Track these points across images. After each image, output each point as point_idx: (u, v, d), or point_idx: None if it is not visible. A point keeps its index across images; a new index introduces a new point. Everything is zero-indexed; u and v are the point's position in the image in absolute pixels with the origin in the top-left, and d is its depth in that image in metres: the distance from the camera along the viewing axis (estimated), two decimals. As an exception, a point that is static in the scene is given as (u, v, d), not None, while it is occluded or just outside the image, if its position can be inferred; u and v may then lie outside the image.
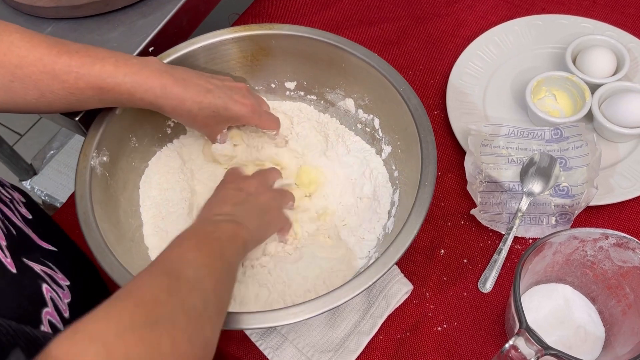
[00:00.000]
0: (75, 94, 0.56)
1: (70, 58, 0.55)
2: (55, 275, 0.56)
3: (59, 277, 0.56)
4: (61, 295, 0.55)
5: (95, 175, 0.61)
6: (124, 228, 0.64)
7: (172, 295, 0.41)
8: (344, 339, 0.64)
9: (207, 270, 0.46)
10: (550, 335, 0.61)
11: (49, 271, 0.55)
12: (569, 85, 0.76)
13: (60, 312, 0.53)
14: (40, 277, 0.53)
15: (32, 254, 0.54)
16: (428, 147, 0.60)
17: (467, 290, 0.67)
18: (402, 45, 0.87)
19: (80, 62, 0.55)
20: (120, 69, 0.56)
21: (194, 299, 0.42)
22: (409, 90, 0.64)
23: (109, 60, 0.56)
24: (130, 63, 0.57)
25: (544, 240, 0.57)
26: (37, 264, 0.54)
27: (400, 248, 0.54)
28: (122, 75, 0.56)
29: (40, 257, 0.55)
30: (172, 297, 0.41)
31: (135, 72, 0.56)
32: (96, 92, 0.56)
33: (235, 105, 0.63)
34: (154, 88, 0.57)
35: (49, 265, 0.56)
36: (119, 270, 0.54)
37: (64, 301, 0.55)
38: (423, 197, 0.57)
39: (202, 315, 0.42)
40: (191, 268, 0.44)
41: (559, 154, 0.72)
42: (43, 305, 0.51)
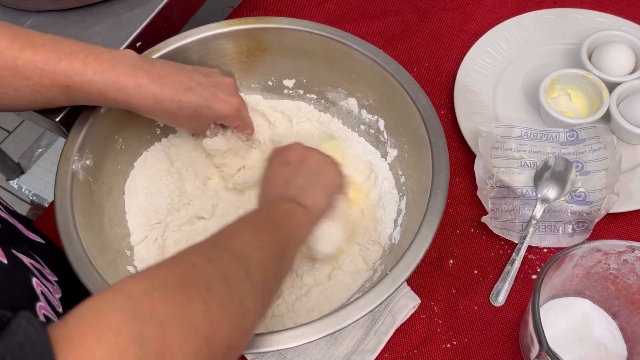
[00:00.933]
0: (41, 91, 0.51)
1: (34, 52, 0.50)
2: (43, 270, 0.52)
3: (47, 272, 0.53)
4: (51, 290, 0.51)
5: (77, 181, 0.56)
6: (109, 238, 0.59)
7: (212, 261, 0.40)
8: (347, 357, 0.59)
9: (256, 244, 0.44)
10: (569, 353, 0.57)
11: (37, 265, 0.51)
12: (585, 84, 0.72)
13: (54, 307, 0.50)
14: (29, 271, 0.49)
15: (21, 246, 0.51)
16: (439, 152, 0.55)
17: (478, 304, 0.63)
18: (406, 41, 0.83)
19: (45, 58, 0.50)
20: (89, 66, 0.51)
21: (235, 267, 0.40)
22: (418, 89, 0.59)
23: (77, 55, 0.51)
24: (101, 59, 0.52)
25: (565, 253, 0.53)
26: (25, 257, 0.50)
27: (410, 264, 0.49)
28: (92, 73, 0.51)
29: (29, 250, 0.52)
30: (211, 263, 0.39)
31: (105, 70, 0.51)
32: (63, 90, 0.51)
33: (220, 104, 0.57)
34: (127, 87, 0.52)
35: (37, 259, 0.52)
36: (101, 287, 0.49)
37: (55, 296, 0.51)
38: (435, 207, 0.52)
39: (242, 284, 0.40)
40: (239, 241, 0.43)
41: (575, 158, 0.68)
42: (36, 299, 0.48)
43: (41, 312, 0.47)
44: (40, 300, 0.48)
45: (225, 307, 0.37)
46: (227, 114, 0.58)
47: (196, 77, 0.57)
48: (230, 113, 0.59)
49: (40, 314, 0.47)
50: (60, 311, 0.50)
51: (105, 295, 0.33)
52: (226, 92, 0.58)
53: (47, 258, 0.54)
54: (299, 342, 0.46)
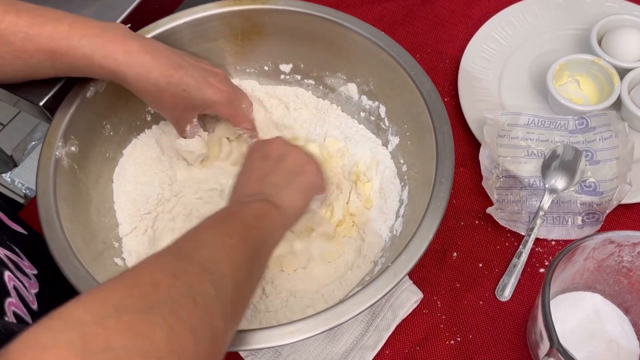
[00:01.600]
0: (24, 57, 0.48)
1: (18, 16, 0.47)
2: (21, 262, 0.49)
3: (25, 264, 0.50)
4: (27, 284, 0.48)
5: (61, 168, 0.53)
6: (96, 228, 0.56)
7: (177, 277, 0.34)
8: (346, 354, 0.56)
9: (227, 251, 0.39)
10: (579, 350, 0.55)
11: (14, 257, 0.49)
12: (595, 70, 0.69)
13: (27, 304, 0.47)
14: (2, 264, 0.46)
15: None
16: (444, 138, 0.52)
17: (483, 299, 0.60)
18: (408, 26, 0.80)
19: (29, 22, 0.47)
20: (76, 31, 0.48)
21: (204, 283, 0.35)
22: (422, 73, 0.56)
23: (64, 20, 0.48)
24: (90, 25, 0.49)
25: (577, 244, 0.50)
26: (1, 249, 0.47)
27: (413, 256, 0.46)
28: (79, 37, 0.48)
29: (7, 241, 0.49)
30: (176, 279, 0.34)
31: (94, 35, 0.48)
32: (47, 56, 0.48)
33: (210, 88, 0.54)
34: (116, 53, 0.49)
35: (15, 250, 0.49)
36: (85, 280, 0.46)
37: (31, 291, 0.48)
38: (439, 196, 0.49)
39: (212, 302, 0.35)
40: (206, 248, 0.38)
41: (585, 146, 0.65)
42: (5, 295, 0.45)
43: (10, 309, 0.44)
44: (10, 295, 0.45)
45: (193, 331, 0.32)
46: (217, 99, 0.55)
47: (187, 59, 0.55)
48: (220, 99, 0.55)
49: (8, 311, 0.44)
50: (34, 308, 0.47)
51: (51, 324, 0.28)
52: (217, 79, 0.56)
53: (28, 250, 0.51)
54: (294, 339, 0.43)
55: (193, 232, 0.41)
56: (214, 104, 0.55)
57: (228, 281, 0.37)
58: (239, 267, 0.39)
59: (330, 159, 0.62)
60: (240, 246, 0.40)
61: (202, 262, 0.36)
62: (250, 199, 0.46)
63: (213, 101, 0.55)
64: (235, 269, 0.38)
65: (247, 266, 0.40)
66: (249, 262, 0.40)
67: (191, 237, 0.40)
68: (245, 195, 0.48)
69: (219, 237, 0.40)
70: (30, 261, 0.50)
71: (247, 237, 0.41)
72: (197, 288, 0.34)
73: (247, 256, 0.40)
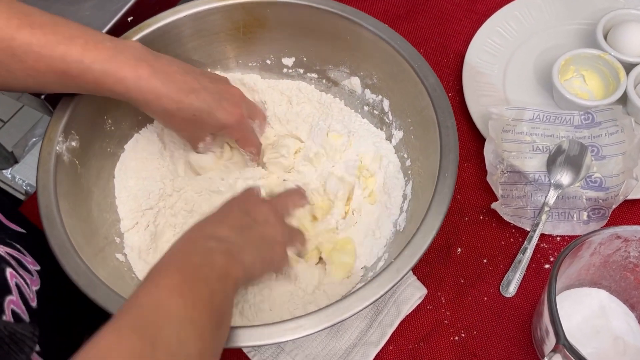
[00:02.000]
0: (35, 76, 0.48)
1: (31, 34, 0.46)
2: (23, 258, 0.49)
3: (28, 260, 0.49)
4: (29, 281, 0.48)
5: (61, 163, 0.52)
6: (97, 224, 0.55)
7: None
8: (349, 350, 0.56)
9: (192, 327, 0.36)
10: (585, 347, 0.54)
11: (16, 254, 0.48)
12: (601, 65, 0.68)
13: (27, 301, 0.46)
14: (3, 261, 0.46)
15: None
16: (448, 132, 0.52)
17: (488, 295, 0.60)
18: (412, 21, 0.79)
19: (42, 41, 0.46)
20: (88, 54, 0.47)
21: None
22: (426, 67, 0.56)
23: (77, 41, 0.47)
24: (102, 47, 0.48)
25: (583, 239, 0.49)
26: (2, 246, 0.47)
27: (417, 251, 0.46)
28: (90, 61, 0.47)
29: (7, 239, 0.49)
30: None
31: (106, 59, 0.48)
32: (58, 77, 0.48)
33: (222, 113, 0.54)
34: (126, 79, 0.49)
35: (17, 247, 0.49)
36: (86, 276, 0.46)
37: (32, 288, 0.48)
38: (443, 191, 0.49)
39: None
40: (172, 325, 0.35)
41: (591, 141, 0.65)
42: (6, 293, 0.44)
43: (9, 307, 0.44)
44: (12, 293, 0.44)
45: None
46: (227, 123, 0.55)
47: (203, 80, 0.54)
48: (231, 124, 0.55)
49: (7, 310, 0.43)
50: (33, 305, 0.47)
51: None
52: (231, 101, 0.55)
53: (29, 247, 0.50)
54: (297, 335, 0.42)
55: (154, 294, 0.37)
56: (224, 127, 0.55)
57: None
58: (206, 345, 0.37)
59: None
60: (206, 319, 0.37)
61: (169, 346, 0.34)
62: (215, 245, 0.43)
63: (223, 125, 0.54)
64: (203, 347, 0.36)
65: (213, 339, 0.38)
66: (213, 335, 0.38)
67: (152, 304, 0.36)
68: (212, 235, 0.44)
69: (183, 310, 0.36)
70: (33, 257, 0.50)
71: (212, 305, 0.39)
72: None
73: (212, 328, 0.38)
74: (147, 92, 0.49)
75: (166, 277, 0.39)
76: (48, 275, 0.50)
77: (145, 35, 0.59)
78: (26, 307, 0.46)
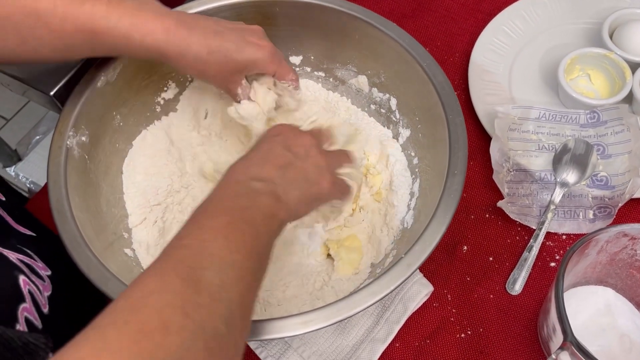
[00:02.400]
0: (63, 38, 0.47)
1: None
2: (34, 264, 0.48)
3: (39, 266, 0.49)
4: (41, 287, 0.48)
5: (71, 158, 0.53)
6: (106, 219, 0.56)
7: (188, 316, 0.31)
8: (356, 347, 0.56)
9: (236, 272, 0.35)
10: (591, 344, 0.54)
11: (27, 260, 0.48)
12: (607, 64, 0.68)
13: (39, 307, 0.46)
14: (16, 268, 0.46)
15: (7, 241, 0.47)
16: (457, 130, 0.52)
17: (494, 292, 0.60)
18: (418, 20, 0.79)
19: (67, 2, 0.46)
20: (114, 9, 0.47)
21: (215, 320, 0.32)
22: (434, 65, 0.56)
23: None
24: (125, 3, 0.48)
25: (590, 237, 0.50)
26: (12, 252, 0.47)
27: (427, 247, 0.46)
28: (117, 16, 0.47)
29: (17, 244, 0.48)
30: (187, 319, 0.31)
31: (132, 14, 0.48)
32: (87, 36, 0.47)
33: (250, 47, 0.53)
34: (155, 31, 0.48)
35: (27, 252, 0.48)
36: (97, 269, 0.46)
37: (44, 294, 0.48)
38: (452, 188, 0.49)
39: (224, 342, 0.32)
40: (215, 268, 0.34)
41: (596, 140, 0.65)
42: (20, 301, 0.44)
43: (23, 315, 0.44)
44: (25, 301, 0.44)
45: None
46: (260, 56, 0.54)
47: (223, 23, 0.54)
48: (263, 56, 0.54)
49: (21, 318, 0.43)
50: (45, 311, 0.47)
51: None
52: (255, 36, 0.54)
53: (39, 251, 0.50)
54: (308, 329, 0.43)
55: (197, 233, 0.37)
56: (258, 62, 0.54)
57: (237, 311, 0.35)
58: (247, 289, 0.36)
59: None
60: (248, 262, 0.37)
61: (211, 290, 0.33)
62: (260, 185, 0.42)
63: (256, 59, 0.53)
64: (244, 292, 0.36)
65: (254, 284, 0.38)
66: (254, 279, 0.38)
67: (195, 245, 0.36)
68: (256, 177, 0.43)
69: (227, 253, 0.36)
70: (43, 261, 0.50)
71: (255, 248, 0.38)
72: (209, 329, 0.32)
73: (254, 272, 0.37)
74: (177, 42, 0.49)
75: (212, 218, 0.38)
76: (59, 279, 0.50)
77: (154, 31, 0.59)
78: (38, 313, 0.46)
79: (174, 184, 0.60)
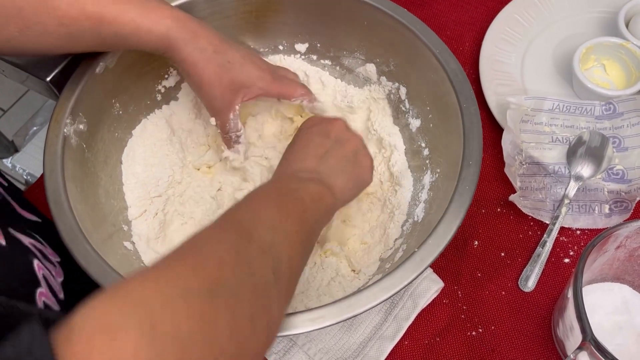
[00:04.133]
0: (68, 25, 0.45)
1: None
2: (44, 249, 0.47)
3: (49, 251, 0.48)
4: (54, 273, 0.46)
5: (69, 147, 0.50)
6: (105, 210, 0.53)
7: (240, 257, 0.34)
8: (363, 344, 0.54)
9: (284, 234, 0.38)
10: (608, 343, 0.52)
11: (39, 245, 0.46)
12: (623, 54, 0.66)
13: (55, 293, 0.45)
14: (30, 252, 0.44)
15: (18, 225, 0.45)
16: (471, 119, 0.50)
17: (506, 289, 0.58)
18: (427, 8, 0.77)
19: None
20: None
21: (264, 268, 0.35)
22: (447, 52, 0.54)
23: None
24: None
25: (610, 232, 0.48)
26: (25, 236, 0.45)
27: (440, 241, 0.44)
28: (125, 1, 0.46)
29: (27, 229, 0.47)
30: (239, 259, 0.33)
31: (141, 3, 0.47)
32: (94, 23, 0.46)
33: (252, 65, 0.52)
34: (165, 18, 0.47)
35: (37, 238, 0.47)
36: (96, 263, 0.44)
37: (57, 280, 0.46)
38: (467, 179, 0.47)
39: (271, 289, 0.35)
40: (266, 228, 0.37)
41: (612, 133, 0.63)
42: (36, 285, 0.43)
43: (41, 300, 0.42)
44: (41, 285, 0.43)
45: (252, 319, 0.32)
46: (260, 75, 0.53)
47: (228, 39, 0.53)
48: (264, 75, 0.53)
49: (39, 302, 0.42)
50: (61, 297, 0.45)
51: (120, 305, 0.27)
52: (257, 57, 0.55)
53: (47, 237, 0.48)
54: (316, 326, 0.41)
55: (250, 203, 0.40)
56: (259, 81, 0.52)
57: (285, 268, 0.36)
58: (295, 253, 0.38)
59: None
60: (297, 230, 0.39)
61: (262, 244, 0.36)
62: (307, 175, 0.45)
63: (257, 77, 0.52)
64: (292, 255, 0.38)
65: (301, 252, 0.40)
66: (302, 248, 0.40)
67: (249, 211, 0.39)
68: (301, 169, 0.46)
69: (277, 218, 0.38)
70: (52, 248, 0.48)
71: (303, 220, 0.40)
72: (258, 273, 0.34)
73: (302, 241, 0.40)
74: (187, 31, 0.48)
75: (266, 195, 0.41)
76: (69, 267, 0.48)
77: (155, 16, 0.56)
78: (55, 298, 0.44)
79: (175, 175, 0.58)
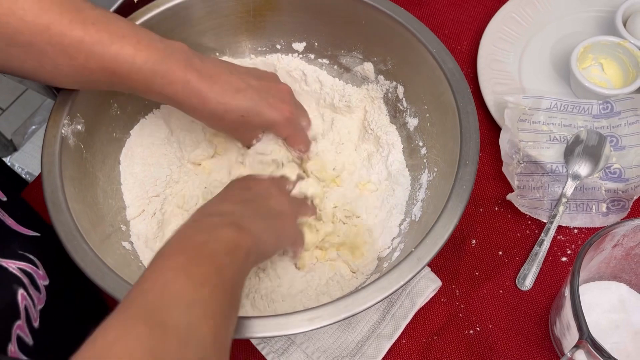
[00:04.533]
0: (83, 73, 0.46)
1: (84, 31, 0.44)
2: (35, 272, 0.47)
3: (40, 274, 0.47)
4: (36, 301, 0.46)
5: (66, 147, 0.51)
6: (103, 211, 0.54)
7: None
8: (361, 343, 0.54)
9: (203, 308, 0.34)
10: (605, 342, 0.52)
11: (29, 268, 0.46)
12: (621, 53, 0.66)
13: (31, 322, 0.45)
14: (16, 281, 0.44)
15: (7, 248, 0.45)
16: (468, 118, 0.50)
17: (503, 288, 0.58)
18: (425, 7, 0.77)
19: (95, 39, 0.44)
20: (140, 54, 0.46)
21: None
22: (444, 51, 0.54)
23: (129, 40, 0.46)
24: (154, 47, 0.47)
25: (607, 230, 0.48)
26: (13, 261, 0.45)
27: (438, 240, 0.44)
28: (142, 61, 0.46)
29: (19, 250, 0.46)
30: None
31: (157, 61, 0.46)
32: (108, 76, 0.46)
33: (269, 110, 0.52)
34: (176, 83, 0.47)
35: (29, 258, 0.47)
36: (94, 263, 0.44)
37: (37, 308, 0.46)
38: (464, 178, 0.47)
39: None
40: (179, 308, 0.33)
41: (609, 132, 0.63)
42: (16, 318, 0.43)
43: (15, 333, 0.42)
44: (20, 318, 0.43)
45: None
46: (276, 120, 0.52)
47: (248, 79, 0.52)
48: (279, 120, 0.53)
49: (13, 336, 0.42)
50: (35, 326, 0.45)
51: None
52: (278, 97, 0.53)
53: (42, 253, 0.48)
54: (315, 326, 0.41)
55: (158, 279, 0.35)
56: (273, 125, 0.53)
57: (211, 348, 0.33)
58: (218, 326, 0.34)
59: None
60: (216, 297, 0.35)
61: (178, 330, 0.32)
62: (218, 219, 0.41)
63: (271, 122, 0.52)
64: (216, 331, 0.34)
65: (226, 321, 0.36)
66: (226, 315, 0.36)
67: (156, 291, 0.34)
68: (213, 213, 0.42)
69: (191, 290, 0.34)
70: (45, 267, 0.48)
71: (221, 282, 0.36)
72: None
73: (223, 309, 0.36)
74: (194, 96, 0.48)
75: (169, 259, 0.37)
76: (55, 290, 0.48)
77: (153, 16, 0.57)
78: (29, 328, 0.44)
79: (173, 175, 0.58)
